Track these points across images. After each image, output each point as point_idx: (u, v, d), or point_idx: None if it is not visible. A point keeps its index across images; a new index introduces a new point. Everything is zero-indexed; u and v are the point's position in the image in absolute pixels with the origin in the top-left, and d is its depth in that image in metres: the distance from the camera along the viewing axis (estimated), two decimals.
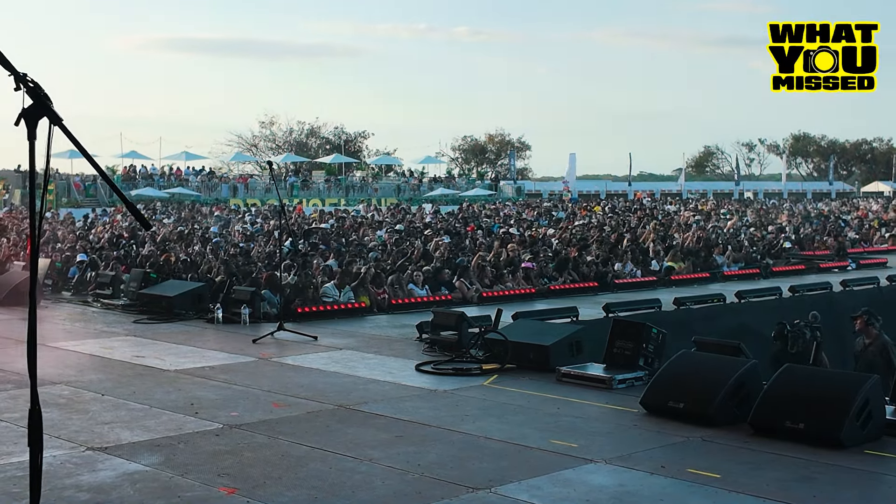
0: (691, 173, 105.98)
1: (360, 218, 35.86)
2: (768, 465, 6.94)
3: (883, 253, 27.59)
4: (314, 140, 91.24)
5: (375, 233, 27.30)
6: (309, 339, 12.46)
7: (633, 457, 7.14)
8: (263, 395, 9.33)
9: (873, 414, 7.38)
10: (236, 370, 10.64)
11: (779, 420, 7.56)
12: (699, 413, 8.03)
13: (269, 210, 40.83)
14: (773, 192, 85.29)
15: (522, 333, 10.86)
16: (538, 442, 7.55)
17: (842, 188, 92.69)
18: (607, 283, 18.89)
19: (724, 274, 21.12)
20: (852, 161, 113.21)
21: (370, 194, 62.02)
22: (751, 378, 8.20)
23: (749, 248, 24.51)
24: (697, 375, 8.43)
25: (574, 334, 10.69)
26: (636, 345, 9.82)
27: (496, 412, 8.63)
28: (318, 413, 8.59)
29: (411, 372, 10.48)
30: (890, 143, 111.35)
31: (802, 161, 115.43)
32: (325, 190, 62.33)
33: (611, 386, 9.45)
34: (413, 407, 8.84)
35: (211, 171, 63.19)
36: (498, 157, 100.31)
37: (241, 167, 74.59)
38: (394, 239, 24.29)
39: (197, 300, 14.89)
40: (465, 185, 71.53)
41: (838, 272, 21.96)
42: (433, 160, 79.65)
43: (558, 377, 9.85)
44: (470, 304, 16.04)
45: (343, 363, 11.04)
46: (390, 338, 12.93)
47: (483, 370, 10.31)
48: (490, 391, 9.51)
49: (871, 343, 12.71)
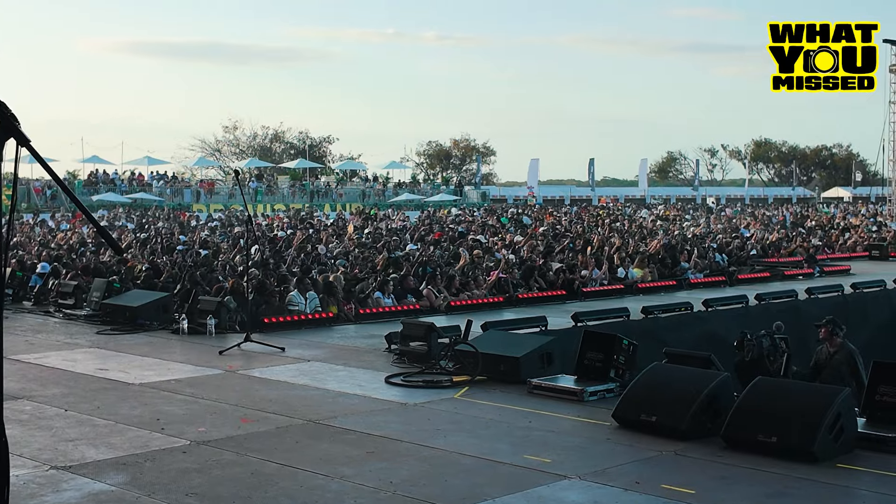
0: (654, 179, 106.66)
1: (325, 223, 35.71)
2: (742, 479, 6.93)
3: (845, 259, 27.87)
4: (278, 145, 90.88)
5: (343, 240, 27.15)
6: (276, 350, 12.32)
7: (606, 472, 7.10)
8: (231, 410, 9.19)
9: (845, 427, 7.39)
10: (203, 383, 10.48)
11: (751, 434, 7.55)
12: (672, 427, 8.00)
13: (234, 217, 40.48)
14: (735, 198, 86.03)
15: (493, 345, 10.79)
16: (511, 457, 7.48)
17: (803, 194, 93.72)
18: (575, 291, 18.88)
19: (690, 282, 21.19)
20: (812, 167, 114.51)
21: (335, 199, 61.82)
22: (723, 391, 8.19)
23: (717, 254, 24.64)
24: (669, 388, 8.41)
25: (545, 346, 10.64)
26: (607, 356, 9.79)
27: (468, 426, 8.56)
28: (288, 428, 8.47)
29: (381, 384, 10.38)
30: (849, 149, 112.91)
31: (764, 166, 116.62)
32: (289, 195, 62.03)
33: (582, 398, 9.41)
34: (384, 421, 8.74)
35: (174, 176, 62.67)
36: (463, 163, 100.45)
37: (204, 172, 74.01)
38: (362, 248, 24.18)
39: (162, 310, 14.68)
40: (430, 191, 71.50)
41: (803, 279, 22.14)
42: (398, 165, 79.56)
43: (529, 389, 9.79)
44: (438, 313, 15.96)
45: (311, 376, 10.91)
46: (359, 349, 12.82)
47: (453, 382, 10.23)
48: (461, 404, 9.43)
49: (837, 352, 12.79)
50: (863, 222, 40.53)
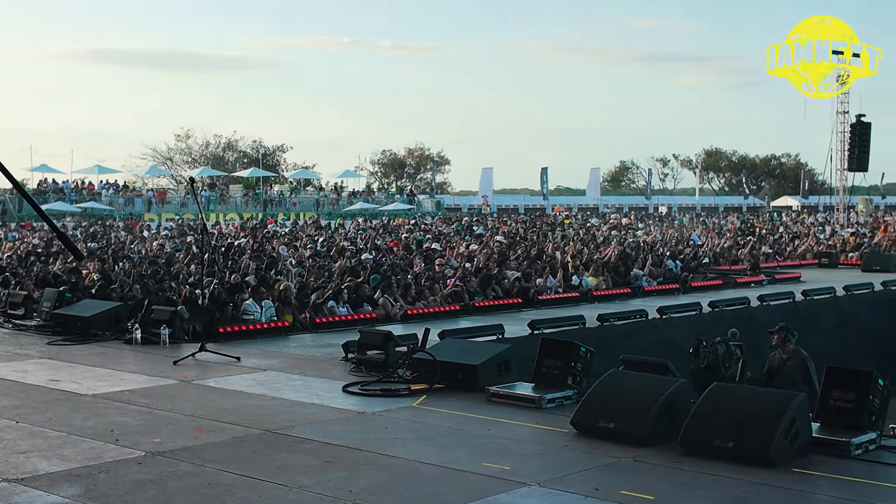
0: (607, 188, 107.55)
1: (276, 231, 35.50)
2: (700, 485, 6.97)
3: (795, 267, 28.26)
4: (231, 154, 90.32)
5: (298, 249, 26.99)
6: (232, 360, 12.20)
7: (565, 479, 7.11)
8: (187, 420, 9.07)
9: (800, 432, 7.48)
10: (157, 394, 10.33)
11: (708, 439, 7.61)
12: (630, 433, 8.04)
13: (187, 226, 40.08)
14: (686, 207, 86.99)
15: (450, 353, 10.78)
16: (470, 465, 7.46)
17: (753, 202, 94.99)
18: (530, 299, 18.94)
19: (644, 289, 21.35)
20: (762, 176, 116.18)
21: (288, 209, 61.53)
22: (680, 397, 8.25)
23: (670, 262, 24.86)
24: (627, 395, 8.45)
25: (502, 353, 10.64)
26: (565, 364, 9.81)
27: (426, 434, 8.53)
28: (245, 438, 8.37)
29: (338, 393, 10.31)
30: (798, 159, 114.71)
31: (714, 176, 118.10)
32: (242, 204, 61.64)
33: (540, 405, 9.42)
34: (342, 430, 8.68)
35: (125, 185, 61.98)
36: (417, 172, 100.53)
37: (155, 181, 73.27)
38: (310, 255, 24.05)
39: (114, 320, 14.46)
40: (385, 200, 71.45)
41: (755, 287, 22.40)
42: (352, 174, 79.52)
43: (487, 397, 9.79)
44: (394, 322, 15.92)
45: (268, 385, 10.81)
46: (315, 358, 12.73)
47: (411, 391, 10.19)
48: (419, 412, 9.40)
49: (790, 358, 12.96)
50: (811, 230, 41.10)
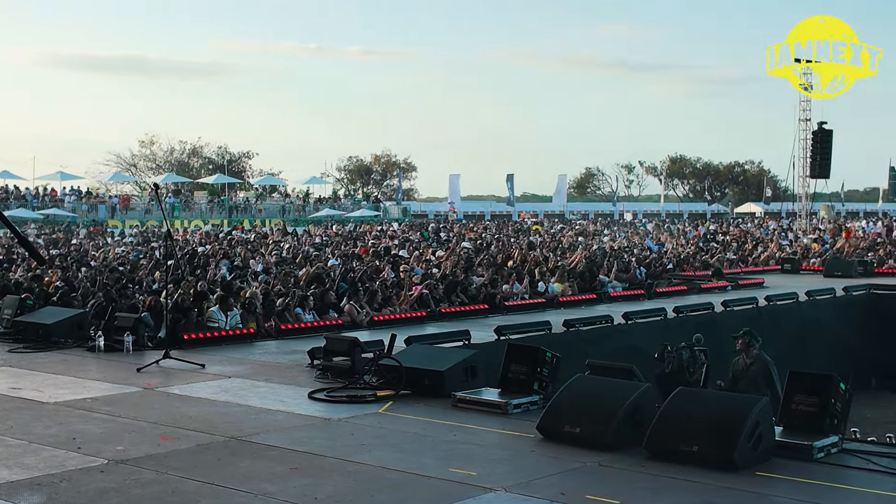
0: (573, 194, 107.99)
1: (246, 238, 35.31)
2: (666, 489, 7.01)
3: (758, 273, 28.51)
4: (196, 160, 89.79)
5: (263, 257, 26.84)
6: (196, 367, 12.11)
7: (531, 484, 7.12)
8: (150, 428, 8.98)
9: (763, 435, 7.54)
10: (120, 401, 10.23)
11: (673, 443, 7.65)
12: (595, 437, 8.07)
13: (151, 232, 39.76)
14: (651, 213, 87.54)
15: (416, 359, 10.76)
16: (436, 471, 7.45)
17: (717, 209, 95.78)
18: (497, 305, 18.97)
19: (609, 295, 21.45)
20: (726, 183, 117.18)
21: (254, 215, 61.23)
22: (645, 402, 8.29)
23: (637, 268, 25.01)
24: (593, 399, 8.48)
25: (468, 359, 10.63)
26: (531, 369, 9.83)
27: (393, 441, 8.51)
28: (209, 445, 8.31)
29: (304, 400, 10.26)
30: (761, 166, 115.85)
31: (679, 182, 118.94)
32: (207, 211, 61.26)
33: (506, 411, 9.43)
34: (307, 437, 8.64)
35: (88, 192, 61.39)
36: (384, 178, 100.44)
37: (119, 187, 72.65)
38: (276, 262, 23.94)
39: (76, 328, 14.31)
40: (351, 206, 71.31)
41: (719, 293, 22.57)
42: (318, 181, 79.16)
43: (454, 403, 9.78)
44: (360, 329, 15.87)
45: (233, 392, 10.74)
46: (281, 364, 12.66)
47: (378, 397, 10.17)
48: (386, 419, 9.37)
49: (753, 363, 13.11)
50: (773, 237, 41.48)
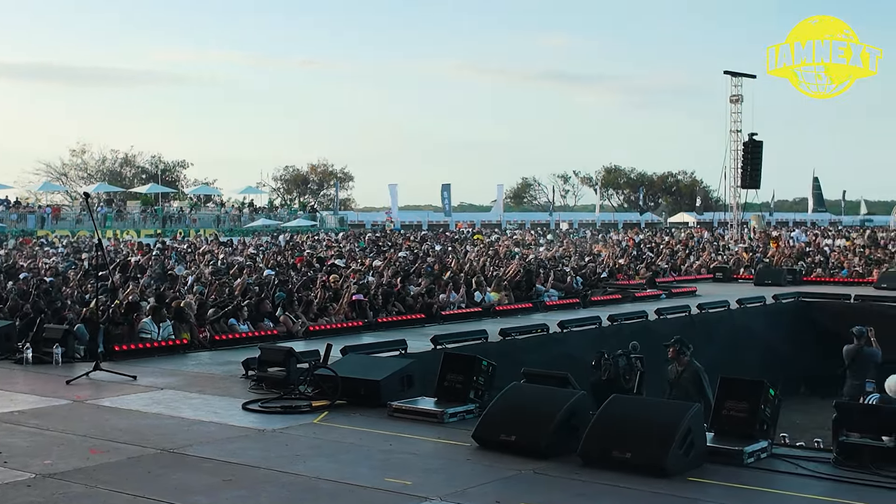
0: (510, 204, 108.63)
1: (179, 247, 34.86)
2: (600, 496, 7.06)
3: (691, 281, 28.93)
4: (129, 169, 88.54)
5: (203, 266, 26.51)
6: (127, 378, 11.91)
7: (467, 492, 7.13)
8: (79, 441, 8.81)
9: (695, 441, 7.64)
10: (49, 414, 10.01)
11: (607, 450, 7.71)
12: (530, 445, 8.10)
13: (82, 243, 39.04)
14: (587, 223, 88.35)
15: (352, 368, 10.71)
16: (372, 481, 7.42)
17: (650, 219, 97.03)
18: (433, 314, 18.98)
19: (545, 304, 21.59)
20: (659, 193, 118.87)
21: (188, 225, 60.49)
22: (580, 409, 8.35)
23: (573, 277, 25.21)
24: (528, 408, 8.51)
25: (404, 368, 10.62)
26: (467, 378, 9.84)
27: (328, 451, 8.45)
28: (140, 458, 8.17)
29: (238, 411, 10.15)
30: (693, 176, 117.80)
31: (614, 192, 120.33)
32: (140, 221, 60.38)
33: (442, 420, 9.43)
34: (241, 448, 8.55)
35: (17, 201, 60.10)
36: (321, 188, 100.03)
37: (49, 197, 71.24)
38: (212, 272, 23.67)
39: (4, 339, 13.97)
40: (287, 216, 70.85)
41: (652, 301, 22.84)
42: (254, 190, 78.50)
43: (390, 412, 9.76)
44: (296, 339, 15.76)
45: (165, 404, 10.58)
46: (214, 376, 12.51)
47: (313, 407, 10.10)
48: (321, 429, 9.31)
49: (684, 370, 13.30)
50: (706, 246, 42.13)
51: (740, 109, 49.57)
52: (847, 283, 27.41)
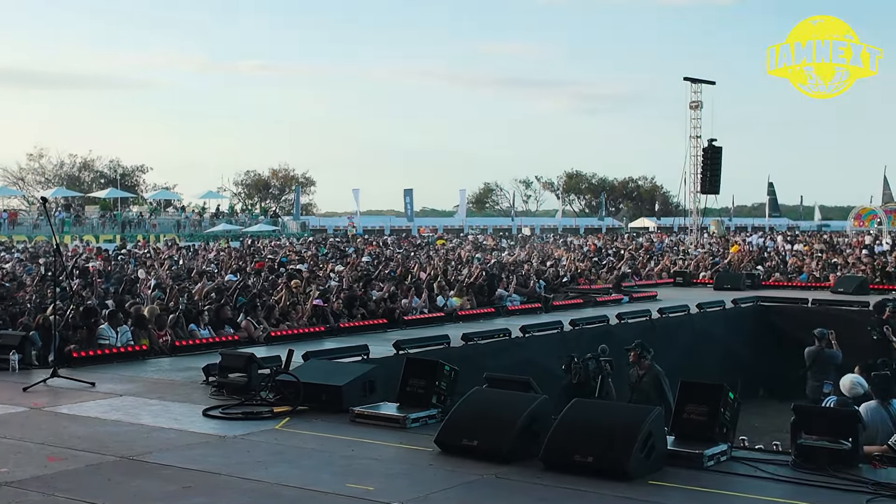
0: (472, 209, 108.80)
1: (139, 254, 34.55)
2: (562, 500, 7.09)
3: (652, 286, 29.11)
4: (87, 174, 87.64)
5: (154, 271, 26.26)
6: (86, 385, 11.77)
7: (429, 498, 7.12)
8: (37, 449, 8.69)
9: (656, 445, 7.68)
10: (5, 422, 9.86)
11: (569, 454, 7.73)
12: (492, 450, 8.11)
13: (39, 248, 38.50)
14: (549, 228, 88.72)
15: (314, 374, 10.66)
16: (334, 486, 7.39)
17: (611, 224, 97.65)
18: (396, 319, 18.96)
19: (507, 308, 21.64)
20: (620, 198, 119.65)
21: (148, 230, 59.97)
22: (542, 413, 8.37)
23: (536, 281, 25.28)
24: (490, 412, 8.52)
25: (367, 374, 10.59)
26: (429, 383, 9.83)
27: (289, 457, 8.41)
28: (99, 465, 8.08)
29: (199, 418, 10.07)
30: (654, 181, 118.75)
31: (575, 198, 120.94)
32: (98, 226, 59.76)
33: (404, 425, 9.41)
34: (201, 455, 8.48)
35: None
36: (282, 193, 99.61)
37: (6, 202, 70.33)
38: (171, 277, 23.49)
39: None
40: (249, 221, 70.47)
41: (614, 305, 22.97)
42: (215, 195, 78.07)
43: (352, 418, 9.73)
44: (258, 344, 15.67)
45: (124, 411, 10.47)
46: (174, 382, 12.41)
47: (274, 413, 10.04)
48: (282, 435, 9.26)
49: (645, 374, 13.40)
50: (666, 251, 42.47)
51: (700, 115, 50.16)
52: (805, 287, 27.74)
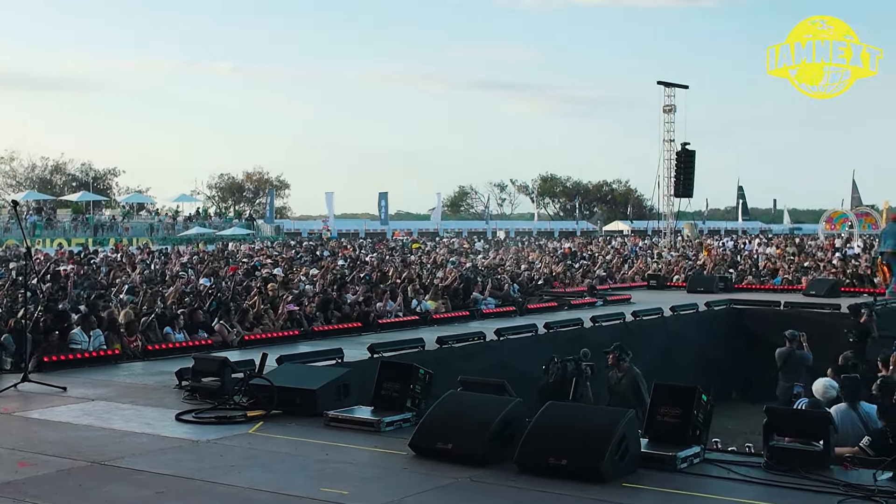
0: (447, 213, 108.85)
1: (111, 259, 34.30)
2: (536, 503, 7.09)
3: (626, 289, 29.22)
4: (60, 177, 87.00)
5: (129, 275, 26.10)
6: (57, 390, 11.67)
7: (403, 501, 7.11)
8: (7, 454, 8.59)
9: (630, 447, 7.71)
10: None
11: (543, 457, 7.74)
12: (467, 453, 8.10)
13: (10, 252, 38.15)
14: (524, 231, 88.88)
15: (288, 378, 10.62)
16: (308, 490, 7.36)
17: (586, 227, 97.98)
18: (370, 322, 18.92)
19: (482, 312, 21.65)
20: (594, 201, 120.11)
21: (120, 234, 59.55)
22: (516, 416, 8.37)
23: (510, 284, 25.33)
24: (464, 415, 8.51)
25: (341, 377, 10.56)
26: (403, 386, 9.81)
27: (263, 461, 8.37)
28: (71, 471, 8.01)
29: (171, 422, 10.00)
30: (628, 185, 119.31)
31: (550, 201, 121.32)
32: (70, 229, 59.27)
33: (379, 429, 9.39)
34: (174, 460, 8.42)
35: None
36: (256, 196, 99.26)
37: None
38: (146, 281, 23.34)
39: None
40: (223, 224, 70.14)
41: (588, 308, 23.03)
42: (188, 198, 77.68)
43: (326, 422, 9.69)
44: (231, 348, 15.59)
45: (96, 415, 10.38)
46: (147, 386, 12.32)
47: (248, 417, 9.98)
48: (256, 439, 9.21)
49: (624, 376, 13.45)
50: (639, 254, 42.67)
51: (673, 119, 50.42)
52: (777, 290, 27.94)
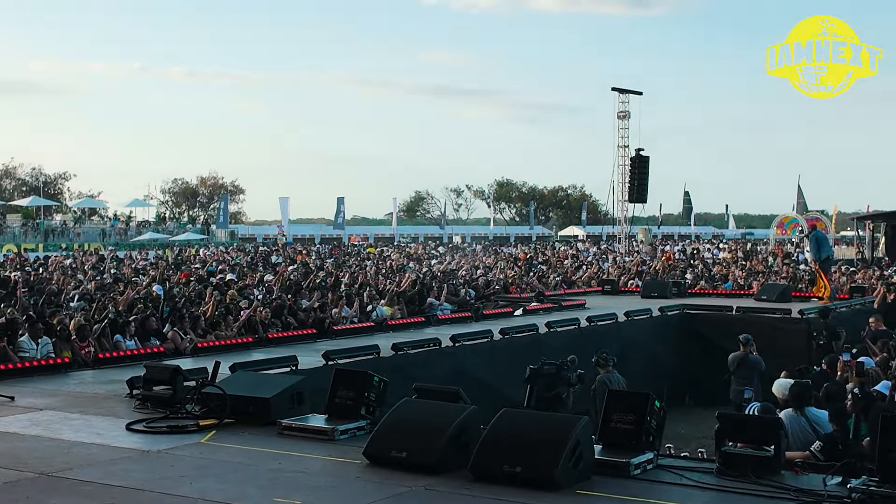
0: (403, 218, 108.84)
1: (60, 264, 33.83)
2: None
3: (580, 294, 29.37)
4: (9, 181, 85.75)
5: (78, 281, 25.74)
6: (5, 399, 11.45)
7: None
8: None
9: (584, 454, 7.72)
10: None
11: (497, 464, 7.73)
12: (421, 461, 8.07)
13: None
14: (480, 236, 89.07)
15: (241, 386, 10.51)
16: (260, 500, 7.30)
17: (541, 232, 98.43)
18: (325, 329, 18.82)
19: (438, 317, 21.62)
20: (550, 207, 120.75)
21: (72, 239, 58.76)
22: (471, 424, 8.35)
23: (466, 290, 25.35)
24: (419, 423, 8.48)
25: (295, 385, 10.47)
26: (358, 394, 9.75)
27: (215, 471, 8.27)
28: (17, 483, 7.85)
29: (122, 432, 9.85)
30: (583, 190, 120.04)
31: (506, 206, 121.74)
32: (21, 234, 58.38)
33: (333, 437, 9.32)
34: (124, 470, 8.29)
35: None
36: (211, 201, 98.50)
37: None
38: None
39: None
40: (176, 230, 69.50)
41: (543, 314, 23.08)
42: (141, 203, 76.80)
43: (279, 430, 9.60)
44: (184, 356, 15.41)
45: (44, 426, 10.20)
46: (97, 395, 12.13)
47: (200, 426, 9.86)
48: (208, 448, 9.11)
49: None
50: (594, 259, 42.95)
51: (627, 125, 50.82)
52: (729, 295, 28.22)
